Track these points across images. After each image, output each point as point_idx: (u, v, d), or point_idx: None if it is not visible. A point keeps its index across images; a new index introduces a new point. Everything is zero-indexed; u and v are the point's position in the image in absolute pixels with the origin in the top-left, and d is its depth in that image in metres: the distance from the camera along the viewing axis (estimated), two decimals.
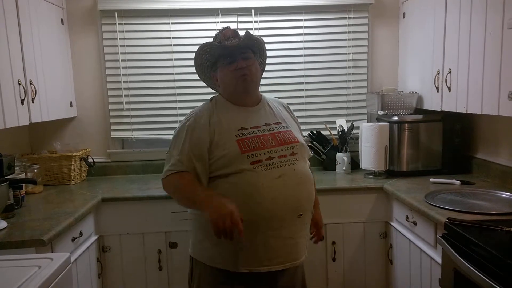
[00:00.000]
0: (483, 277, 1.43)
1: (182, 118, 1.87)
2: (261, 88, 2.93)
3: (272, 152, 1.67)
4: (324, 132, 3.00)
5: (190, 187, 1.63)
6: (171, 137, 3.07)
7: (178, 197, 1.71)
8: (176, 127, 1.79)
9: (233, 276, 1.66)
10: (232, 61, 1.72)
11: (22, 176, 2.37)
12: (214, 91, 1.94)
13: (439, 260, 1.85)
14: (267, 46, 2.93)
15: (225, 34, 1.74)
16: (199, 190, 1.61)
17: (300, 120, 2.98)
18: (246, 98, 1.78)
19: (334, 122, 2.99)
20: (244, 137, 1.67)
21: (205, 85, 1.93)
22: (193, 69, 1.86)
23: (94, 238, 2.35)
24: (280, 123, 1.80)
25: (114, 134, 3.01)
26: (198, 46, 1.75)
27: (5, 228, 1.86)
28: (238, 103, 1.77)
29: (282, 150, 1.69)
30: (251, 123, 1.72)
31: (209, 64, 1.81)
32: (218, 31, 1.81)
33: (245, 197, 1.61)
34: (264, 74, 2.98)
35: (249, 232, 1.60)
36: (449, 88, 2.27)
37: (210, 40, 1.80)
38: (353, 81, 3.04)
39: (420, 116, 2.64)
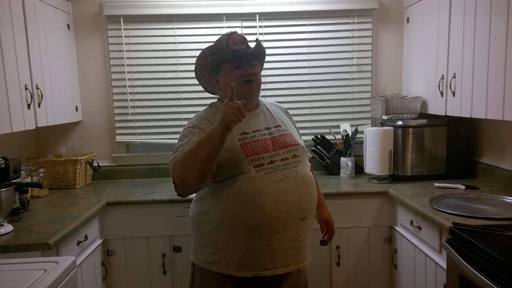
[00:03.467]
0: (489, 282, 1.42)
1: (186, 123, 1.85)
2: (265, 93, 2.99)
3: (274, 156, 1.68)
4: (328, 137, 3.00)
5: (192, 145, 1.55)
6: (176, 141, 3.09)
7: (190, 161, 1.51)
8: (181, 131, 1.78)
9: (236, 281, 1.66)
10: (238, 66, 1.71)
11: (28, 180, 2.38)
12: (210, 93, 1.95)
13: (444, 265, 1.84)
14: (271, 51, 2.98)
15: (234, 39, 1.73)
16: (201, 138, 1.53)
17: (304, 125, 3.03)
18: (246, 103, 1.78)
19: (338, 127, 2.99)
20: (247, 141, 1.67)
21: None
22: None
23: (99, 241, 2.36)
24: (280, 126, 1.81)
25: (119, 138, 3.02)
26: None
27: (11, 231, 1.87)
28: None
29: (283, 153, 1.70)
30: (252, 127, 1.72)
31: (211, 66, 1.79)
32: (223, 34, 1.79)
33: (248, 201, 1.61)
34: (268, 79, 3.03)
35: (253, 235, 1.62)
36: (454, 93, 2.27)
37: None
38: (357, 85, 3.05)
39: (424, 121, 2.64)
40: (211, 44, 1.76)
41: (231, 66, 1.73)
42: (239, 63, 1.71)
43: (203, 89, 1.87)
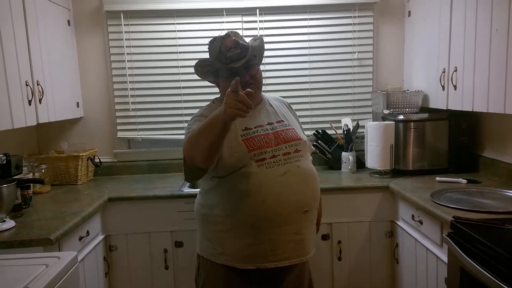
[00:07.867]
0: (490, 276, 1.42)
1: (187, 118, 1.86)
2: (266, 88, 2.99)
3: (276, 150, 1.68)
4: (329, 131, 3.00)
5: (199, 126, 1.52)
6: (177, 137, 3.09)
7: (196, 141, 1.49)
8: (184, 127, 1.77)
9: (240, 273, 1.68)
10: (234, 75, 1.65)
11: (30, 176, 2.39)
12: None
13: (445, 259, 1.84)
14: (272, 46, 2.97)
15: (226, 45, 1.68)
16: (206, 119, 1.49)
17: (305, 119, 3.03)
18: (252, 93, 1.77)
19: (339, 121, 2.99)
20: (249, 137, 1.68)
21: (210, 85, 1.93)
22: None
23: (101, 237, 2.37)
24: (282, 121, 1.81)
25: (120, 134, 3.03)
26: (204, 45, 1.74)
27: (13, 227, 1.87)
28: None
29: (286, 147, 1.71)
30: (254, 123, 1.73)
31: (210, 72, 1.80)
32: (217, 37, 1.73)
33: (250, 195, 1.62)
34: (269, 74, 3.02)
35: (255, 229, 1.64)
36: (455, 87, 2.25)
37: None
38: (358, 80, 3.04)
39: (426, 115, 2.63)
40: (204, 58, 1.75)
41: (227, 74, 1.70)
42: (234, 70, 1.67)
43: (203, 85, 1.86)
